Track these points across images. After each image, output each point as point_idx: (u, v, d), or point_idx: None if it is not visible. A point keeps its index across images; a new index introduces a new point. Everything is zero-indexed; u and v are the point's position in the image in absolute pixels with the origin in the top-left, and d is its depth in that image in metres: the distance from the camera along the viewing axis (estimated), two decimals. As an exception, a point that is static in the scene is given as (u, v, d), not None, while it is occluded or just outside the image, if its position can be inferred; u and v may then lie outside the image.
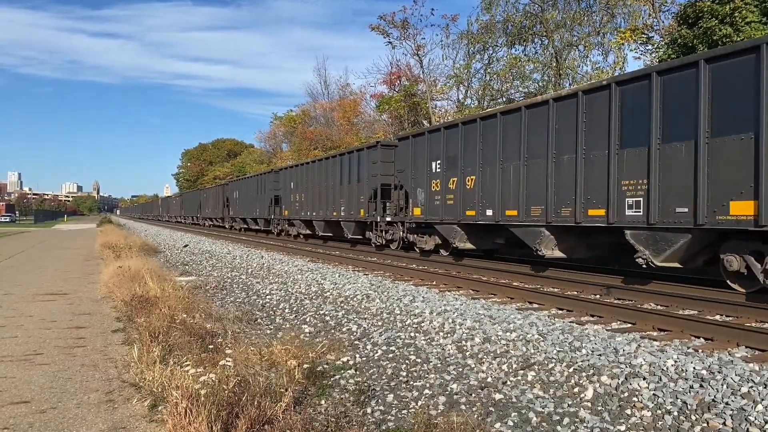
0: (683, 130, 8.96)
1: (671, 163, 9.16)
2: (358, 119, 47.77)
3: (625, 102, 9.92)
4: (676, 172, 9.07)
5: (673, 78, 9.21)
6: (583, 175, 10.67)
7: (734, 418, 4.47)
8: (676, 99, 9.10)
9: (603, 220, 10.23)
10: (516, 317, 8.00)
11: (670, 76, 9.27)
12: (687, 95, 8.90)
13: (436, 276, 12.71)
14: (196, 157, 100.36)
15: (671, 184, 9.15)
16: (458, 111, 33.76)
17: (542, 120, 11.64)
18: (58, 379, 5.92)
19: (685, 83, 8.95)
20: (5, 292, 12.08)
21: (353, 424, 4.65)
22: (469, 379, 5.76)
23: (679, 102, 9.06)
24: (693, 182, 8.79)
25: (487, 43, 31.57)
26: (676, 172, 9.08)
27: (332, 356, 6.66)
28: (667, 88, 9.25)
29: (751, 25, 16.52)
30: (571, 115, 10.91)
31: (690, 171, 8.83)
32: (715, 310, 8.26)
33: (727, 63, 8.46)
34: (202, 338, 7.04)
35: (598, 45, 28.35)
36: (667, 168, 9.21)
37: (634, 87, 9.82)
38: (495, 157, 13.02)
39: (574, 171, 10.81)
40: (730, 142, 8.37)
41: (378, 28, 36.05)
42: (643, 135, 9.53)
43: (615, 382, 5.31)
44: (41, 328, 8.47)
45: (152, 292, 9.79)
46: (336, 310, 9.61)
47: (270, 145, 67.39)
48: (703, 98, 8.64)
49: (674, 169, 9.11)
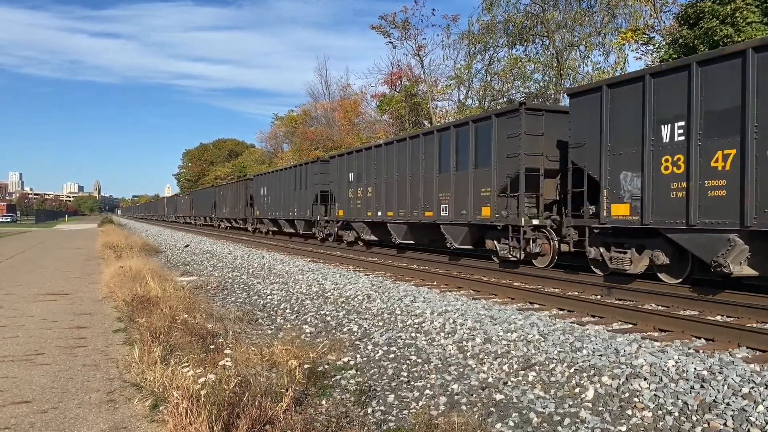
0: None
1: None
2: (359, 119, 47.76)
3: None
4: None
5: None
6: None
7: (735, 418, 4.47)
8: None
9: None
10: (517, 317, 7.99)
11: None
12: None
13: (437, 276, 12.71)
14: (197, 158, 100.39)
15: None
16: (459, 111, 33.75)
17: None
18: (59, 379, 5.93)
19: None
20: (6, 292, 12.09)
21: (354, 424, 4.65)
22: (470, 380, 5.76)
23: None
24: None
25: (488, 44, 31.54)
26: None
27: (333, 356, 6.66)
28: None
29: (752, 25, 16.51)
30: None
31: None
32: (715, 310, 8.25)
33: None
34: (203, 338, 7.05)
35: (599, 45, 28.35)
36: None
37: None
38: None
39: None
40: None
41: (379, 28, 36.08)
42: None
43: (616, 382, 5.31)
44: (42, 328, 8.48)
45: (153, 292, 9.79)
46: (337, 310, 9.61)
47: (271, 146, 67.43)
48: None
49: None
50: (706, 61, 9.00)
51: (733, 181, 8.52)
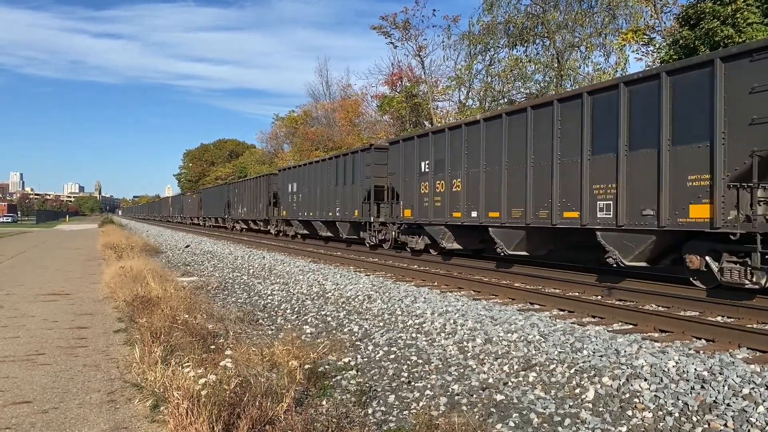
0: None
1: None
2: (359, 120, 47.79)
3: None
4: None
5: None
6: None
7: (735, 419, 4.47)
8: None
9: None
10: (517, 318, 8.00)
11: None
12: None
13: (437, 277, 12.71)
14: (197, 158, 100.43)
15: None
16: (460, 112, 33.74)
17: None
18: (60, 379, 5.93)
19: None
20: (7, 293, 12.10)
21: (354, 424, 4.65)
22: (470, 380, 5.76)
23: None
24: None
25: (489, 44, 31.53)
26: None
27: (334, 357, 6.67)
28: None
29: (753, 26, 16.50)
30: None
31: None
32: (716, 311, 8.25)
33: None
34: (204, 339, 7.05)
35: (600, 46, 28.36)
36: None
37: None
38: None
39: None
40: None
41: (379, 28, 36.10)
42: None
43: (616, 383, 5.31)
44: (43, 328, 8.48)
45: (154, 293, 9.80)
46: (337, 310, 9.61)
47: (271, 146, 67.47)
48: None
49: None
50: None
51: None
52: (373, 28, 36.24)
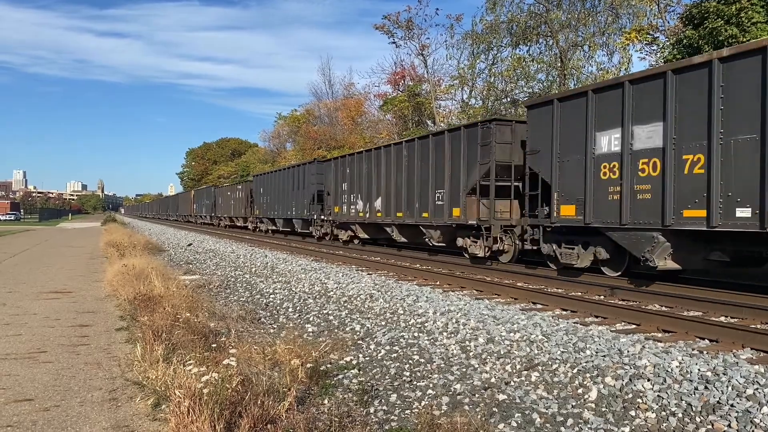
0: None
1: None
2: (362, 119, 47.77)
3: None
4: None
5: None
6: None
7: (739, 420, 4.45)
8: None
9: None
10: (520, 318, 7.97)
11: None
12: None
13: (440, 276, 12.69)
14: (200, 156, 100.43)
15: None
16: (462, 111, 33.72)
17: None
18: (61, 377, 5.93)
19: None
20: (9, 290, 12.11)
21: (356, 423, 4.64)
22: (472, 380, 5.74)
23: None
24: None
25: (492, 43, 31.50)
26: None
27: (335, 356, 6.66)
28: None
29: (758, 25, 16.43)
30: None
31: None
32: (720, 311, 8.22)
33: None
34: (206, 337, 7.04)
35: (603, 45, 28.30)
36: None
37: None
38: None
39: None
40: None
41: (382, 27, 36.11)
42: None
43: (619, 383, 5.29)
44: (45, 326, 8.49)
45: (156, 291, 9.79)
46: (339, 309, 9.60)
47: (274, 145, 67.46)
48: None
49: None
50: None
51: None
52: (376, 28, 36.29)
